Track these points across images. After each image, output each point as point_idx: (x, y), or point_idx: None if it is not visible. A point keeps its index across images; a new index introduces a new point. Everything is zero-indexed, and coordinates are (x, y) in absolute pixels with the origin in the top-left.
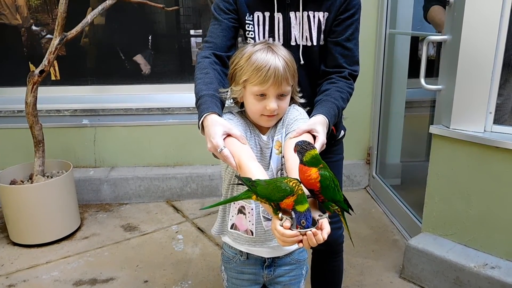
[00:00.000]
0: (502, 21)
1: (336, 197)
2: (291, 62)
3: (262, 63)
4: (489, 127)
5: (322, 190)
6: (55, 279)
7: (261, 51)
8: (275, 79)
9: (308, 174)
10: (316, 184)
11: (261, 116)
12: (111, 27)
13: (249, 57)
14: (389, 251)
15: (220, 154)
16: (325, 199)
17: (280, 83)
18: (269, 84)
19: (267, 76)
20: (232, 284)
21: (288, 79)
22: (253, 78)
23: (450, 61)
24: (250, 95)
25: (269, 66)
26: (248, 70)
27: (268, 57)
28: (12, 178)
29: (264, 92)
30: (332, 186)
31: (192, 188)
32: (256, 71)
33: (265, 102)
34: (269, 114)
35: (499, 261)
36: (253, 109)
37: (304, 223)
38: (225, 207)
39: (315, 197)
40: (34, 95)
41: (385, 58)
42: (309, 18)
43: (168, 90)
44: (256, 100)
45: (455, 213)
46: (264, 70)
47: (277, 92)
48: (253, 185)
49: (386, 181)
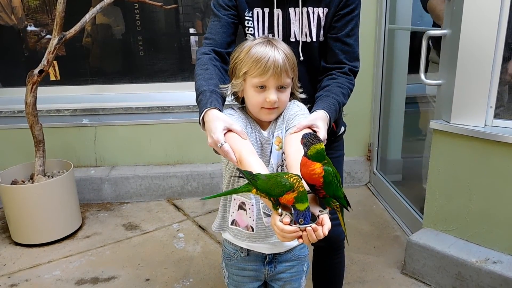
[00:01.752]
0: (502, 14)
1: (338, 193)
2: (291, 56)
3: (261, 55)
4: (489, 121)
5: (325, 185)
6: (57, 278)
7: (260, 44)
8: (274, 70)
9: (312, 168)
10: (319, 179)
11: (261, 109)
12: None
13: (248, 50)
14: (391, 247)
15: (220, 149)
16: (327, 194)
17: (279, 74)
18: (268, 75)
19: (266, 67)
20: (233, 280)
21: (287, 71)
22: (253, 70)
23: (450, 56)
24: (250, 88)
25: (269, 57)
26: (248, 62)
27: (268, 49)
28: (13, 178)
29: (264, 84)
30: (335, 182)
31: (192, 186)
32: (256, 63)
33: (265, 94)
34: (269, 106)
35: (501, 256)
36: (253, 102)
37: (302, 222)
38: (225, 204)
39: (315, 192)
40: (33, 95)
41: (385, 54)
42: (309, 14)
43: (168, 88)
44: (256, 92)
45: (456, 208)
46: (263, 61)
47: (277, 83)
48: (253, 179)
49: (387, 177)
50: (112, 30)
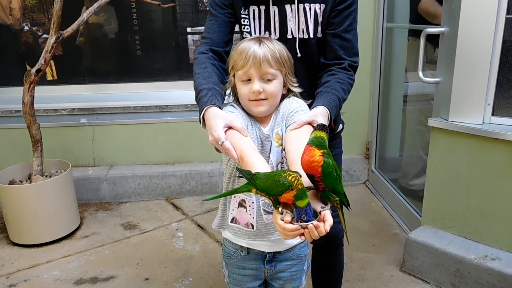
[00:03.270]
0: (500, 12)
1: (337, 187)
2: (278, 50)
3: (244, 48)
4: (487, 118)
5: (324, 177)
6: (56, 278)
7: (248, 40)
8: (253, 60)
9: (312, 155)
10: (317, 168)
11: (249, 102)
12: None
13: (237, 47)
14: (390, 245)
15: (221, 147)
16: (326, 187)
17: (259, 64)
18: (249, 65)
19: (246, 58)
20: (233, 279)
21: (269, 61)
22: (237, 63)
23: (448, 53)
24: (238, 82)
25: (249, 49)
26: (234, 56)
27: (251, 43)
28: (10, 178)
29: (247, 75)
30: (334, 175)
31: (191, 185)
32: (239, 55)
33: (250, 85)
34: (255, 97)
35: (499, 253)
36: (242, 95)
37: (304, 218)
38: (225, 201)
39: (315, 184)
40: (31, 94)
41: (383, 52)
42: (305, 10)
43: (166, 87)
44: (242, 85)
45: (455, 205)
46: (244, 53)
47: (259, 73)
48: (253, 178)
49: (385, 175)
50: (105, 29)
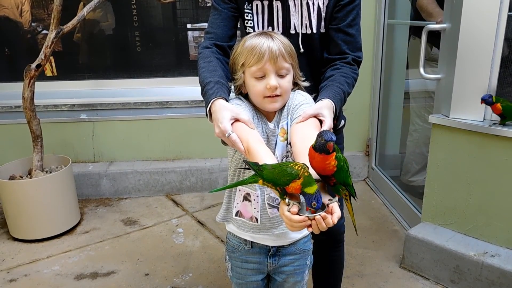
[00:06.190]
0: (502, 8)
1: (348, 180)
2: (288, 44)
3: (256, 43)
4: (488, 115)
5: (336, 172)
6: (56, 273)
7: (255, 35)
8: (269, 55)
9: (328, 162)
10: (333, 169)
11: (264, 99)
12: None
13: (244, 43)
14: (389, 241)
15: (228, 139)
16: (337, 182)
17: (275, 59)
18: (264, 61)
19: (261, 53)
20: (236, 273)
21: (284, 55)
22: (249, 59)
23: (449, 50)
24: (250, 79)
25: (263, 43)
26: (244, 53)
27: (262, 38)
28: (11, 174)
29: (262, 71)
30: (345, 168)
31: (191, 181)
32: (251, 51)
33: (266, 81)
34: (271, 93)
35: (499, 249)
36: (256, 92)
37: (315, 205)
38: (230, 195)
39: (326, 180)
40: (31, 89)
41: (384, 49)
42: (308, 5)
43: (166, 83)
44: (256, 81)
45: (455, 202)
46: (258, 48)
47: (275, 68)
48: (260, 169)
49: (385, 172)
50: (102, 25)
